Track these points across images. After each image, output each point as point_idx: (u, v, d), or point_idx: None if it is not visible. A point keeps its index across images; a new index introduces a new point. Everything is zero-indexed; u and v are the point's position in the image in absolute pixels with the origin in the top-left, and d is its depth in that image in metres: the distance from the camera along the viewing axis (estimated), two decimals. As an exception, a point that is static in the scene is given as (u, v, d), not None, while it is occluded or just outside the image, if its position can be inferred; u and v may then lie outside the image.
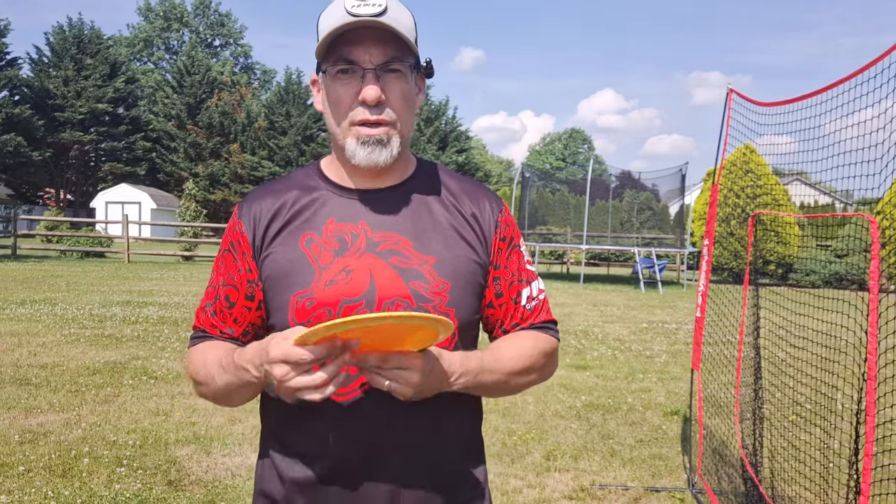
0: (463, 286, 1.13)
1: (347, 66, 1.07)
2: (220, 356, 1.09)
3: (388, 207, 1.14)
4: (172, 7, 58.49)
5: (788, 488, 3.54)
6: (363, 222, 1.13)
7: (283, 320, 1.10)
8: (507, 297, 1.20)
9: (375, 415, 1.09)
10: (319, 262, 1.10)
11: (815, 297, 3.18)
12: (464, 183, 1.22)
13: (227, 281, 1.17)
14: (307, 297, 1.09)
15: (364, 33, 1.05)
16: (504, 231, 1.19)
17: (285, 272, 1.11)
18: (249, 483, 3.76)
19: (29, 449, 4.12)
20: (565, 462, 4.27)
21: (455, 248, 1.14)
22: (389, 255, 1.11)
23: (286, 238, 1.13)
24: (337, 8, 1.06)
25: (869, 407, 2.00)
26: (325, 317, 1.07)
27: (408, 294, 1.09)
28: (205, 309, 1.20)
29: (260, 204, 1.16)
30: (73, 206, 41.54)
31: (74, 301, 10.57)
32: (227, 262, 1.17)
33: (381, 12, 1.04)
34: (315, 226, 1.13)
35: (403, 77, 1.09)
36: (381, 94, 1.06)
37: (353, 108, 1.08)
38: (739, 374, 3.60)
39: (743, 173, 10.43)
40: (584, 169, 62.80)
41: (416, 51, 1.10)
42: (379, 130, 1.08)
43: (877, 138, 2.29)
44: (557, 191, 31.53)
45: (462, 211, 1.18)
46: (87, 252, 20.59)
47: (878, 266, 2.07)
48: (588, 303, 13.35)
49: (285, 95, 44.07)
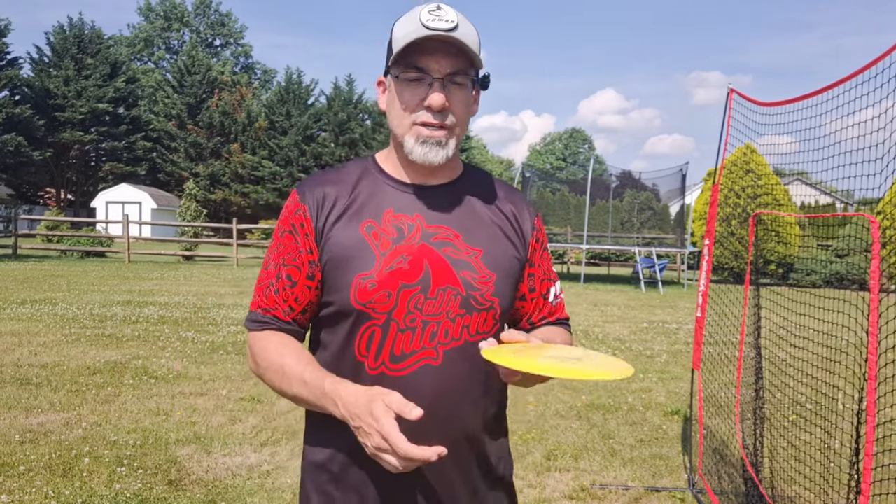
0: (505, 278, 1.26)
1: (418, 73, 1.18)
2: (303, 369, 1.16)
3: (441, 203, 1.25)
4: (173, 7, 58.48)
5: (789, 488, 3.54)
6: (418, 214, 1.23)
7: (344, 298, 1.19)
8: (538, 293, 1.35)
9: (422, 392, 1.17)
10: (380, 247, 1.19)
11: (815, 297, 3.17)
12: (505, 188, 1.36)
13: (289, 261, 1.23)
14: (369, 280, 1.18)
15: (435, 45, 1.16)
16: (539, 234, 1.34)
17: (348, 255, 1.20)
18: (250, 482, 3.76)
19: (29, 448, 4.13)
20: (566, 462, 4.27)
21: (499, 243, 1.27)
22: (442, 245, 1.22)
23: (347, 222, 1.21)
24: (413, 19, 1.17)
25: (869, 407, 2.00)
26: (385, 298, 1.17)
27: (458, 282, 1.21)
28: (268, 288, 1.25)
29: (323, 189, 1.24)
30: (74, 205, 41.55)
31: (75, 301, 10.58)
32: (288, 243, 1.24)
33: (452, 28, 1.15)
34: (375, 214, 1.22)
35: (465, 88, 1.20)
36: (446, 101, 1.17)
37: (418, 111, 1.19)
38: (740, 374, 3.60)
39: (744, 173, 10.42)
40: (584, 169, 62.80)
41: (480, 65, 1.21)
42: (439, 133, 1.19)
43: (877, 138, 2.29)
44: (558, 190, 31.53)
45: (504, 212, 1.31)
46: (87, 252, 20.60)
47: (879, 266, 2.07)
48: (588, 303, 13.35)
49: (286, 95, 44.05)
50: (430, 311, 1.19)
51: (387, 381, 1.16)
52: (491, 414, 1.29)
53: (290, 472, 3.93)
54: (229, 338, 7.99)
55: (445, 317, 1.19)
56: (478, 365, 1.17)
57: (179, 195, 36.46)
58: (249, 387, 5.79)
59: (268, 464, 4.05)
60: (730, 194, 17.00)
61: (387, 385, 1.13)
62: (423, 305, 1.18)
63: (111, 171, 42.03)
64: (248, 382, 5.93)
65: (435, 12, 1.16)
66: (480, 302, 1.22)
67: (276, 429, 4.69)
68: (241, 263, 20.87)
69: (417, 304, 1.18)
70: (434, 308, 1.19)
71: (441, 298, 1.19)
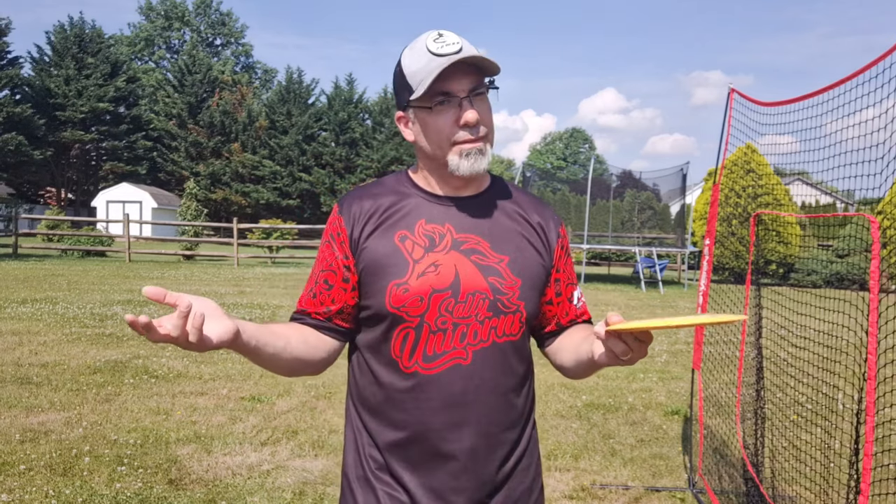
0: (530, 283, 1.33)
1: (445, 97, 1.26)
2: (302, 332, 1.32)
3: (470, 213, 1.34)
4: (173, 6, 58.48)
5: (789, 488, 3.54)
6: (449, 224, 1.32)
7: (380, 303, 1.28)
8: (564, 297, 1.42)
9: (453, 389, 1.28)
10: (413, 255, 1.28)
11: (816, 297, 3.17)
12: (531, 198, 1.44)
13: (326, 267, 1.34)
14: (403, 286, 1.27)
15: (452, 69, 1.24)
16: (563, 241, 1.42)
17: (383, 263, 1.29)
18: (250, 482, 3.76)
19: (30, 448, 4.13)
20: (566, 461, 4.27)
21: (525, 250, 1.35)
22: (471, 253, 1.30)
23: (383, 233, 1.31)
24: (421, 52, 1.26)
25: (869, 407, 2.00)
26: (418, 303, 1.26)
27: (486, 287, 1.29)
28: (307, 292, 1.37)
29: (360, 203, 1.34)
30: (74, 205, 41.55)
31: (75, 300, 10.58)
32: (327, 251, 1.35)
33: (460, 49, 1.24)
34: (408, 225, 1.31)
35: (486, 97, 1.30)
36: (478, 116, 1.26)
37: (454, 132, 1.27)
38: (741, 374, 3.60)
39: (744, 173, 10.42)
40: (585, 168, 62.76)
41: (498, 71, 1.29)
42: (479, 144, 1.28)
43: (878, 138, 2.29)
44: (558, 190, 31.53)
45: (530, 221, 1.39)
46: (88, 251, 20.60)
47: (879, 266, 2.07)
48: (589, 302, 13.32)
49: (286, 95, 44.03)
50: (460, 313, 1.27)
51: (420, 379, 1.28)
52: (518, 408, 1.36)
53: (290, 472, 3.93)
54: (230, 337, 7.99)
55: (474, 319, 1.27)
56: (506, 363, 1.31)
57: (180, 194, 36.46)
58: (250, 386, 5.79)
59: (268, 463, 4.05)
60: (730, 194, 16.99)
61: (420, 382, 1.28)
62: (453, 309, 1.27)
63: (112, 170, 42.02)
64: (248, 382, 5.94)
65: (439, 40, 1.25)
66: (507, 305, 1.29)
67: (276, 428, 4.70)
68: (242, 263, 20.87)
69: (448, 307, 1.27)
70: (464, 311, 1.27)
71: (470, 302, 1.27)
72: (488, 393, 1.30)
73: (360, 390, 1.37)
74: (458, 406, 1.28)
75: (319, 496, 3.60)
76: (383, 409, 1.33)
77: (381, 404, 1.33)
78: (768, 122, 3.46)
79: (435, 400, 1.28)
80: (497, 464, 1.33)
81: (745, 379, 3.58)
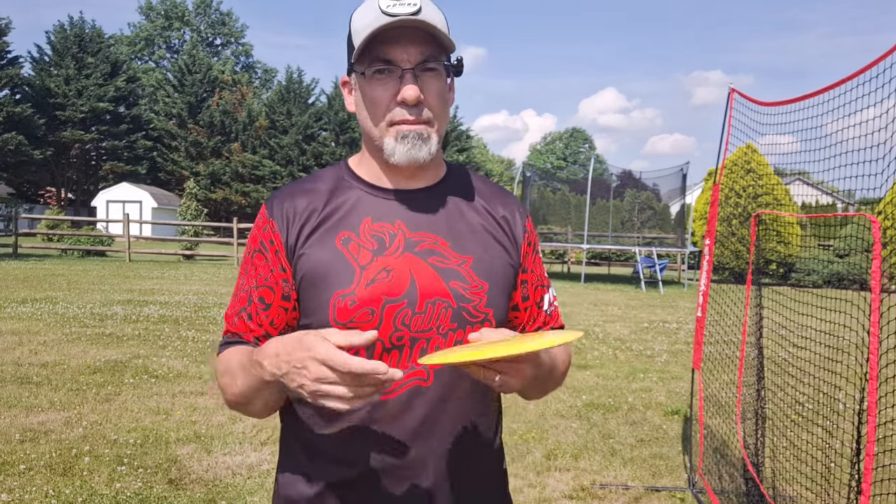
0: (499, 286, 1.15)
1: (385, 66, 1.06)
2: (241, 357, 1.06)
3: (424, 208, 1.14)
4: (173, 6, 58.47)
5: (789, 488, 3.54)
6: (400, 222, 1.12)
7: (322, 319, 1.08)
8: (532, 301, 1.23)
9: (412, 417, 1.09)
10: (359, 261, 1.09)
11: (817, 297, 3.17)
12: (493, 188, 1.24)
13: (261, 283, 1.12)
14: (349, 297, 1.07)
15: (400, 32, 1.04)
16: (530, 237, 1.22)
17: (324, 271, 1.09)
18: (250, 481, 3.76)
19: (30, 447, 4.13)
20: (566, 461, 4.27)
21: (490, 249, 1.16)
22: (428, 254, 1.11)
23: (322, 237, 1.11)
24: (370, 8, 1.05)
25: (870, 407, 2.00)
26: (368, 316, 1.06)
27: (448, 293, 1.10)
28: (238, 314, 1.14)
29: (292, 202, 1.13)
30: (74, 204, 41.54)
31: (75, 300, 10.58)
32: (259, 263, 1.13)
33: (416, 11, 1.04)
34: (351, 225, 1.11)
35: (440, 76, 1.09)
36: (420, 93, 1.06)
37: (391, 109, 1.08)
38: (742, 374, 3.59)
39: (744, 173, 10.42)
40: (585, 168, 62.76)
41: (452, 48, 1.10)
42: (418, 127, 1.08)
43: (878, 138, 2.29)
44: (558, 190, 31.52)
45: (494, 215, 1.19)
46: (88, 251, 20.59)
47: (880, 266, 2.07)
48: (589, 302, 13.35)
49: (286, 94, 44.03)
50: (418, 326, 1.08)
51: (375, 406, 1.08)
52: (486, 433, 1.19)
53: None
54: (230, 337, 7.99)
55: (436, 332, 1.09)
56: (472, 383, 1.09)
57: (180, 194, 36.44)
58: (250, 386, 5.79)
59: (268, 463, 4.05)
60: (730, 194, 17.01)
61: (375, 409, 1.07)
62: (410, 321, 1.08)
63: (112, 170, 42.01)
64: (248, 381, 5.94)
65: None
66: (473, 314, 1.11)
67: (276, 428, 4.69)
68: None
69: (404, 320, 1.07)
70: (423, 323, 1.08)
71: (430, 312, 1.08)
72: (453, 420, 1.11)
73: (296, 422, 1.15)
74: (418, 437, 1.09)
75: (319, 496, 3.60)
76: (326, 446, 1.11)
77: (325, 439, 1.11)
78: (768, 122, 3.46)
79: (390, 430, 1.08)
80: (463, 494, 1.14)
81: (746, 379, 3.58)
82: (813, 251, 16.72)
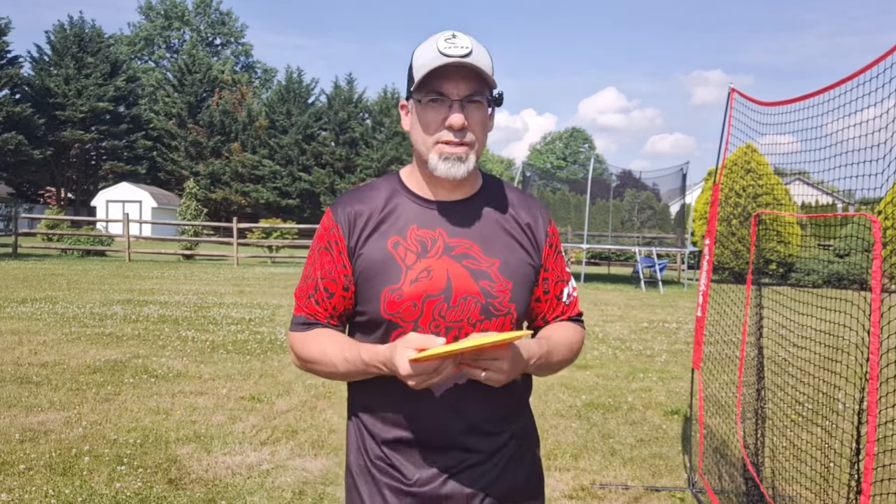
0: (521, 285, 1.37)
1: (438, 96, 1.29)
2: (343, 349, 1.33)
3: (461, 217, 1.37)
4: (173, 6, 58.47)
5: (789, 488, 3.54)
6: (440, 229, 1.35)
7: (375, 309, 1.33)
8: (552, 294, 1.46)
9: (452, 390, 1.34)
10: (405, 261, 1.32)
11: (817, 297, 3.17)
12: (521, 197, 1.47)
13: (326, 275, 1.37)
14: (396, 292, 1.31)
15: (453, 70, 1.27)
16: (552, 239, 1.45)
17: (377, 269, 1.33)
18: (250, 481, 3.76)
19: (29, 447, 4.13)
20: (565, 461, 4.27)
21: (516, 252, 1.38)
22: (462, 258, 1.34)
23: (376, 240, 1.35)
24: (431, 48, 1.29)
25: (870, 407, 2.00)
26: (412, 308, 1.31)
27: (478, 291, 1.32)
28: (308, 297, 1.40)
29: (353, 208, 1.37)
30: (74, 204, 41.55)
31: (75, 300, 10.58)
32: (324, 258, 1.38)
33: (467, 53, 1.27)
34: (400, 230, 1.35)
35: (482, 107, 1.32)
36: (465, 121, 1.28)
37: (439, 131, 1.30)
38: (742, 374, 3.59)
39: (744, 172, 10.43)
40: (584, 168, 62.77)
41: (494, 85, 1.33)
42: (460, 150, 1.30)
43: (878, 138, 2.29)
44: (558, 190, 31.54)
45: (520, 221, 1.41)
46: (87, 251, 20.60)
47: (881, 266, 2.07)
48: (589, 302, 13.35)
49: (286, 94, 44.05)
50: (452, 317, 1.31)
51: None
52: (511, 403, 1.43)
53: (289, 471, 3.93)
54: (229, 337, 7.99)
55: (467, 322, 1.32)
56: None
57: (180, 194, 36.44)
58: (249, 386, 5.79)
59: (268, 463, 4.05)
60: (730, 194, 17.01)
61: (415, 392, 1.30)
62: (446, 313, 1.31)
63: (111, 169, 42.03)
64: (248, 381, 5.94)
65: (451, 40, 1.28)
66: (498, 308, 1.33)
67: (275, 428, 4.70)
68: (242, 262, 20.86)
69: (441, 311, 1.31)
70: (456, 315, 1.31)
71: (462, 306, 1.31)
72: (481, 392, 1.34)
73: (359, 391, 1.43)
74: (452, 406, 1.34)
75: (319, 496, 3.60)
76: (382, 409, 1.38)
77: (380, 405, 1.38)
78: (768, 121, 3.45)
79: (429, 401, 1.33)
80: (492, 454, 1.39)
81: (746, 379, 3.58)
82: (813, 251, 16.73)
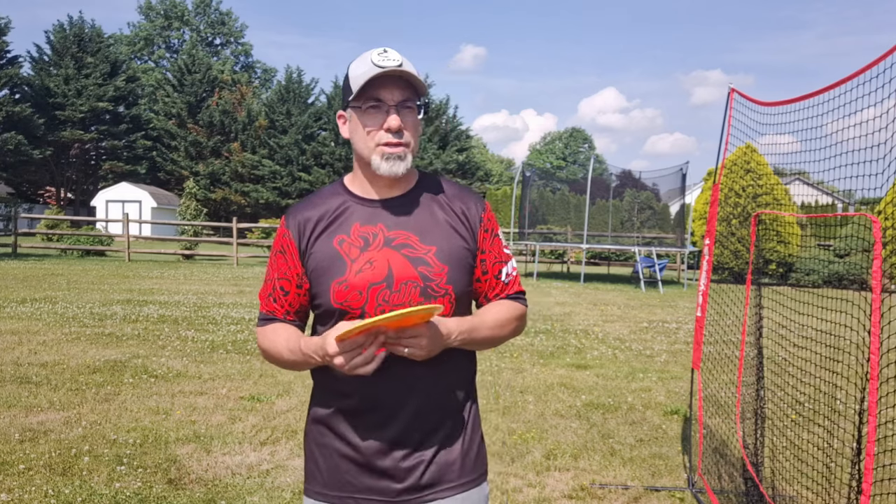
0: (457, 268, 1.51)
1: (376, 103, 1.44)
2: (287, 341, 1.50)
3: (400, 211, 1.52)
4: (173, 6, 58.42)
5: (789, 488, 3.54)
6: (381, 224, 1.50)
7: (326, 300, 1.48)
8: (490, 275, 1.58)
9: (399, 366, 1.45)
10: (349, 256, 1.47)
11: (817, 297, 3.17)
12: (455, 188, 1.61)
13: (281, 276, 1.54)
14: (343, 283, 1.46)
15: (387, 79, 1.43)
16: (486, 224, 1.57)
17: (325, 265, 1.48)
18: (250, 481, 3.76)
19: (29, 447, 4.12)
20: (565, 461, 4.27)
21: (451, 239, 1.52)
22: (402, 247, 1.48)
23: (324, 240, 1.50)
24: (365, 62, 1.44)
25: (871, 407, 2.00)
26: (358, 296, 1.45)
27: (416, 276, 1.46)
28: (268, 296, 1.57)
29: (303, 214, 1.54)
30: (74, 204, 41.54)
31: (75, 299, 10.57)
32: (280, 261, 1.55)
33: (399, 65, 1.42)
34: (345, 229, 1.50)
35: (414, 111, 1.48)
36: (401, 123, 1.44)
37: (379, 134, 1.45)
38: (741, 374, 3.59)
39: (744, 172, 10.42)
40: (584, 168, 62.76)
41: (424, 93, 1.49)
42: (399, 149, 1.45)
43: (878, 138, 2.29)
44: (558, 190, 31.53)
45: (454, 210, 1.55)
46: (87, 251, 20.59)
47: (881, 266, 2.07)
48: (588, 302, 13.35)
49: (286, 94, 44.01)
50: (395, 301, 1.45)
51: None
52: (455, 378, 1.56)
53: (289, 471, 3.93)
54: (229, 336, 7.99)
55: (409, 304, 1.45)
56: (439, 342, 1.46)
57: (179, 194, 36.40)
58: (249, 386, 5.79)
59: (267, 462, 4.05)
60: (730, 194, 17.01)
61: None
62: (389, 298, 1.45)
63: (111, 169, 42.00)
64: (247, 381, 5.93)
65: (383, 54, 1.43)
66: (436, 290, 1.47)
67: (275, 428, 4.69)
68: (241, 262, 20.86)
69: (385, 297, 1.45)
70: (398, 299, 1.45)
71: (404, 291, 1.45)
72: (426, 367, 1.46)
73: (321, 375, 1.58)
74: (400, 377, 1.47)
75: (319, 496, 3.60)
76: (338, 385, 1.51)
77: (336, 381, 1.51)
78: (768, 121, 3.46)
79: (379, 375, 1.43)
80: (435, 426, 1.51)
81: (745, 378, 3.58)
82: (812, 251, 16.73)
